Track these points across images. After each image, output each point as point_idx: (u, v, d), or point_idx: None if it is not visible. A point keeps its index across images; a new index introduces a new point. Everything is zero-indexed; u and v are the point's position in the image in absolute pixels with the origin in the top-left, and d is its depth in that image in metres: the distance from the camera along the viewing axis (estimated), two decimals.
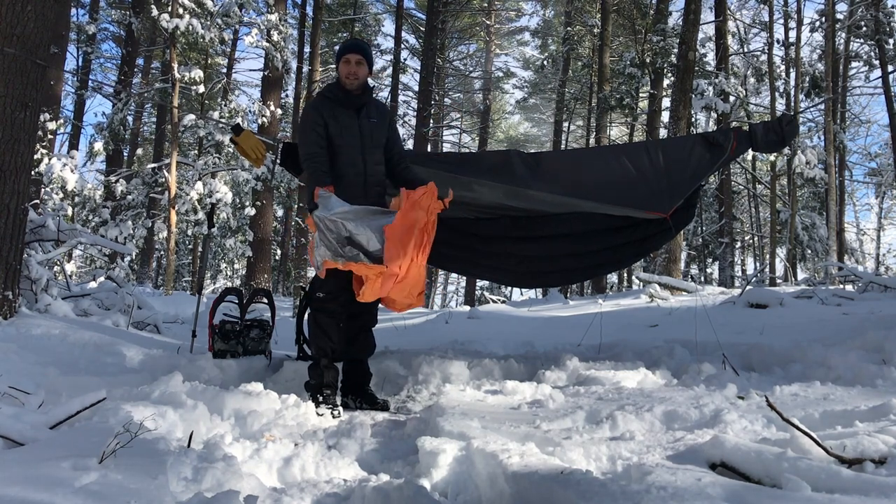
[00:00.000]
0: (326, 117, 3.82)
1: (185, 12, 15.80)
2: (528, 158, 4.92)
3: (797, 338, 5.00)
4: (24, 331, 4.39)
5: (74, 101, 22.50)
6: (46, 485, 1.81)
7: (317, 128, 3.81)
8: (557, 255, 5.42)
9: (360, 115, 3.88)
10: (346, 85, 3.86)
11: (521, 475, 2.12)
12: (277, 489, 2.33)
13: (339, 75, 3.89)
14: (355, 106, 3.88)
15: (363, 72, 3.87)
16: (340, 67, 3.86)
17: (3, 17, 4.42)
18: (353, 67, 3.84)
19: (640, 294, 11.03)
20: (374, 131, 3.90)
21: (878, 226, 31.38)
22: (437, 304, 30.92)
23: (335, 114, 3.83)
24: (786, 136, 4.90)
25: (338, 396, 3.91)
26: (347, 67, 3.84)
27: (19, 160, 4.51)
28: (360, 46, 3.97)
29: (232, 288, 5.39)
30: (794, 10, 19.21)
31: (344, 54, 3.87)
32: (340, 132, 3.81)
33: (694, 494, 1.81)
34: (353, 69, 3.84)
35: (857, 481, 1.91)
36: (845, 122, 22.79)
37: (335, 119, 3.82)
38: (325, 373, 3.84)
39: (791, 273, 17.06)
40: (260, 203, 17.52)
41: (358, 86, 3.87)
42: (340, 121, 3.83)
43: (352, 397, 3.97)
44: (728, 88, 15.33)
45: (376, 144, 3.91)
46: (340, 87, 3.89)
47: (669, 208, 4.83)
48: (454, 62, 27.40)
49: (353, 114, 3.86)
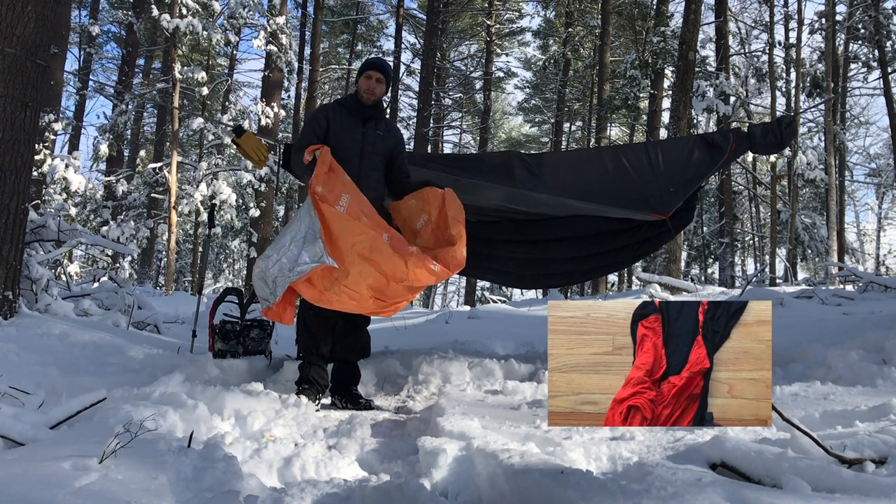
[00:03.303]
0: (331, 120, 4.00)
1: (187, 13, 15.81)
2: (528, 160, 4.92)
3: (797, 338, 4.99)
4: (24, 331, 4.39)
5: (76, 101, 22.55)
6: (46, 485, 1.81)
7: (316, 128, 3.99)
8: (558, 257, 5.43)
9: (367, 125, 4.05)
10: (362, 98, 4.06)
11: (521, 475, 2.12)
12: (277, 489, 2.32)
13: (358, 88, 4.09)
14: (363, 116, 4.06)
15: (380, 89, 4.07)
16: (361, 81, 4.08)
17: (3, 17, 4.42)
18: (372, 83, 4.03)
19: (641, 294, 11.03)
20: (377, 141, 4.05)
21: (878, 226, 31.39)
22: (438, 304, 30.94)
23: (341, 118, 4.02)
24: (784, 138, 4.91)
25: (326, 397, 4.06)
26: (368, 83, 4.03)
27: (19, 160, 4.51)
28: (382, 66, 4.17)
29: (232, 288, 5.39)
30: (795, 10, 19.23)
31: (366, 70, 4.09)
32: (342, 134, 3.96)
33: (694, 494, 1.81)
34: (373, 85, 4.03)
35: (857, 481, 1.91)
36: (845, 123, 22.79)
37: (340, 122, 4.00)
38: (309, 369, 4.01)
39: (791, 273, 17.06)
40: (263, 203, 17.56)
41: (373, 101, 4.07)
42: (345, 124, 4.00)
43: (338, 397, 4.04)
44: (728, 89, 15.32)
45: (375, 152, 4.04)
46: (355, 97, 4.10)
47: (669, 210, 4.83)
48: (455, 62, 27.40)
49: (358, 122, 4.04)
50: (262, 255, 3.63)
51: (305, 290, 3.50)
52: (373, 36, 29.01)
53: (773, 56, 19.26)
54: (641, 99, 19.44)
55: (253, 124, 17.63)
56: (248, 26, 19.14)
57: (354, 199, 3.57)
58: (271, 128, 16.94)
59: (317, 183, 3.55)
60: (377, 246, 3.40)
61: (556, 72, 24.31)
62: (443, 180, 4.22)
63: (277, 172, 16.13)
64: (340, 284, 3.43)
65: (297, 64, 19.94)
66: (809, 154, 16.59)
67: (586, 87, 25.31)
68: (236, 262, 29.04)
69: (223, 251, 27.39)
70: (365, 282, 3.44)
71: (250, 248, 17.80)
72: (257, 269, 3.61)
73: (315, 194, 3.52)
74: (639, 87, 17.65)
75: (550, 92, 27.74)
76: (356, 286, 3.44)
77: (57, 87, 11.17)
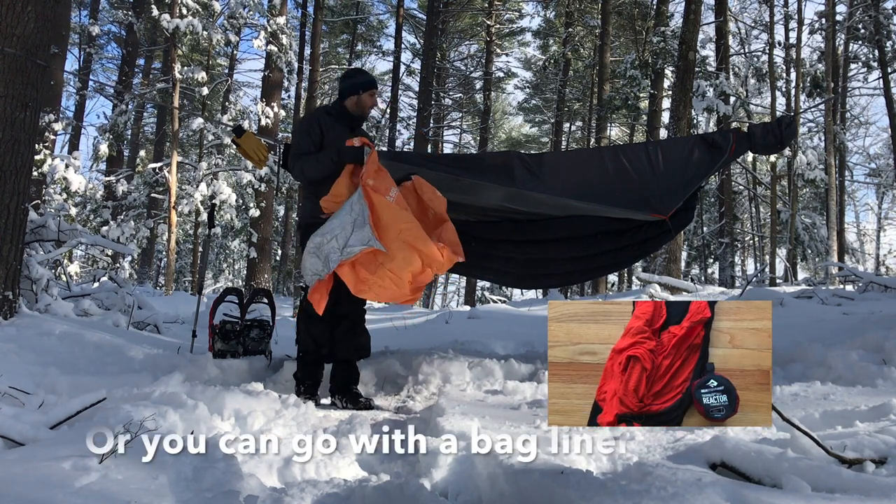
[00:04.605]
0: (323, 127, 4.16)
1: (187, 13, 15.81)
2: (528, 160, 4.91)
3: (797, 338, 4.99)
4: (24, 331, 4.39)
5: (76, 101, 22.55)
6: (47, 485, 1.81)
7: (312, 135, 4.15)
8: (559, 257, 5.42)
9: (353, 133, 4.24)
10: (363, 111, 4.29)
11: (521, 475, 2.12)
12: (277, 489, 2.32)
13: (360, 101, 4.26)
14: (350, 125, 4.26)
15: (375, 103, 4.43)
16: (365, 98, 4.26)
17: (3, 17, 4.42)
18: (374, 100, 4.37)
19: (641, 294, 11.03)
20: None
21: (878, 226, 31.40)
22: (438, 304, 30.93)
23: (332, 126, 4.19)
24: (784, 138, 4.90)
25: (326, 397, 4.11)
26: (372, 100, 4.31)
27: (19, 160, 4.51)
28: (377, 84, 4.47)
29: (232, 288, 5.39)
30: (795, 10, 19.24)
31: (372, 88, 4.30)
32: (335, 142, 4.11)
33: (694, 494, 1.81)
34: (375, 101, 4.39)
35: (857, 481, 1.91)
36: (845, 123, 22.79)
37: (333, 130, 4.17)
38: (305, 368, 4.14)
39: (791, 273, 17.06)
40: (263, 203, 17.57)
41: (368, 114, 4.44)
42: (336, 132, 4.17)
43: (338, 397, 4.07)
44: (728, 89, 15.32)
45: None
46: (343, 106, 4.26)
47: (669, 210, 4.83)
48: (455, 62, 27.39)
49: (346, 130, 4.22)
50: (315, 233, 3.82)
51: (348, 274, 3.72)
52: (373, 36, 29.01)
53: (773, 56, 19.28)
54: (641, 99, 19.44)
55: (253, 124, 17.63)
56: (248, 26, 19.15)
57: (401, 193, 3.83)
58: (271, 128, 16.94)
59: (368, 177, 3.80)
60: (421, 234, 3.68)
61: (556, 72, 24.31)
62: (443, 180, 4.24)
63: (277, 172, 16.13)
64: (385, 268, 3.68)
65: (297, 64, 19.94)
66: (809, 154, 16.59)
67: (586, 87, 25.29)
68: (236, 262, 29.04)
69: (223, 251, 27.37)
70: (409, 267, 3.69)
71: (250, 248, 17.79)
72: (311, 244, 3.82)
73: (367, 185, 3.76)
74: (639, 87, 17.65)
75: (550, 92, 27.72)
76: (400, 271, 3.69)
77: (57, 87, 11.16)
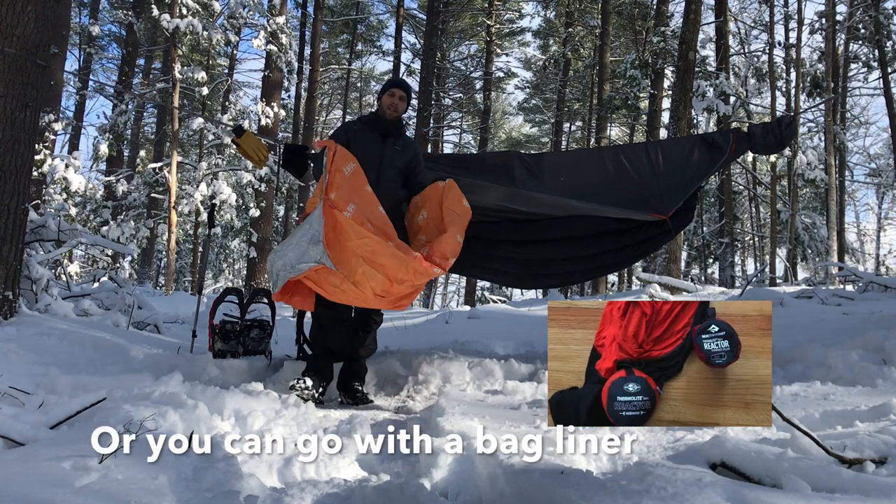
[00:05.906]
0: (351, 135, 4.16)
1: (187, 13, 15.81)
2: (528, 160, 4.92)
3: (797, 338, 4.99)
4: (24, 331, 4.39)
5: (76, 101, 22.54)
6: (47, 485, 1.81)
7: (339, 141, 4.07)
8: (559, 257, 5.43)
9: (386, 140, 4.20)
10: (385, 114, 4.21)
11: (521, 475, 2.12)
12: (277, 489, 2.32)
13: (381, 104, 4.25)
14: (383, 131, 4.21)
15: (402, 106, 4.26)
16: (384, 98, 4.24)
17: (3, 17, 4.42)
18: (395, 100, 4.21)
19: (641, 294, 11.03)
20: (395, 156, 4.20)
21: (878, 226, 31.40)
22: (438, 304, 30.92)
23: (362, 133, 4.18)
24: (784, 138, 4.91)
25: None
26: (391, 100, 4.21)
27: (19, 160, 4.50)
28: (404, 84, 4.39)
29: (232, 288, 5.39)
30: (795, 10, 19.23)
31: (390, 88, 4.25)
32: (362, 148, 4.07)
33: (694, 494, 1.81)
34: (396, 102, 4.21)
35: (857, 481, 1.91)
36: (845, 123, 22.79)
37: (361, 137, 4.15)
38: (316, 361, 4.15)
39: (791, 273, 17.06)
40: (263, 203, 17.57)
41: (395, 117, 4.25)
42: (365, 138, 4.15)
43: (339, 392, 4.13)
44: (728, 89, 15.31)
45: (394, 165, 4.18)
46: (376, 114, 4.27)
47: (669, 210, 4.83)
48: (455, 62, 27.38)
49: (378, 137, 4.19)
50: (275, 248, 3.91)
51: (313, 285, 3.75)
52: (373, 36, 28.99)
53: (773, 56, 19.27)
54: (641, 99, 19.43)
55: (253, 124, 17.62)
56: (248, 26, 19.14)
57: (362, 208, 3.72)
58: (271, 128, 16.94)
59: (331, 189, 3.73)
60: (379, 249, 3.58)
61: (556, 72, 24.30)
62: None
63: (277, 172, 16.14)
64: (348, 283, 3.66)
65: (297, 64, 19.92)
66: (809, 154, 16.59)
67: (586, 87, 25.28)
68: (236, 262, 29.01)
69: (223, 251, 27.36)
70: (369, 283, 3.64)
71: (250, 248, 17.79)
72: (268, 260, 3.90)
73: (328, 199, 3.70)
74: (639, 87, 17.65)
75: (550, 92, 27.70)
76: (361, 286, 3.66)
77: (57, 87, 11.17)
